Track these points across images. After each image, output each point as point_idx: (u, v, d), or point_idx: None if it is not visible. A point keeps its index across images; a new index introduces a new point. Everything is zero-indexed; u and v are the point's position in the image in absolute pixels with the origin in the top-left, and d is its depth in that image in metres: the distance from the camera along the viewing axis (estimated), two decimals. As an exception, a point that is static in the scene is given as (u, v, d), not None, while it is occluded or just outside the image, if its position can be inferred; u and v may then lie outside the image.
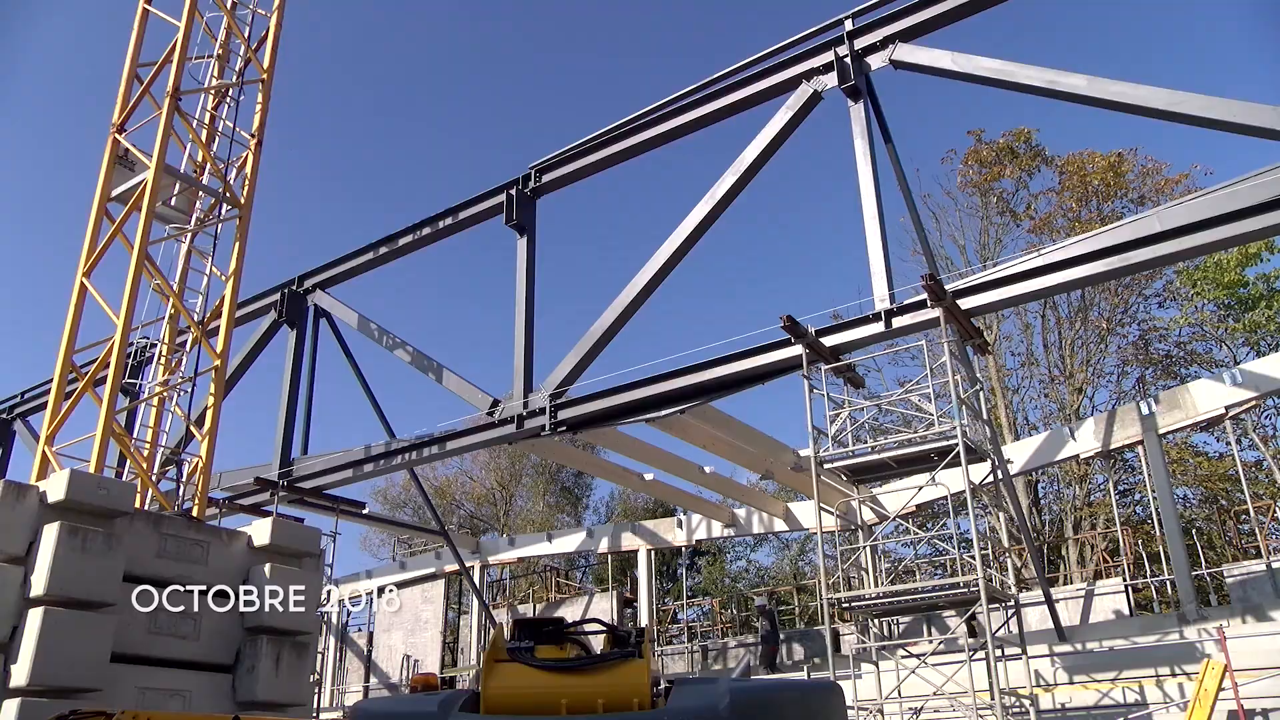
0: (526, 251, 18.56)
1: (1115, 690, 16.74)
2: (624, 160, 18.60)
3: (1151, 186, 34.15)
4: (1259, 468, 32.97)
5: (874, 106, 15.79)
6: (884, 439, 17.89)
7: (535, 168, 19.07)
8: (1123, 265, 13.42)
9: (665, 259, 16.50)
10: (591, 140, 18.55)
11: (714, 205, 16.19)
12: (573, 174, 18.94)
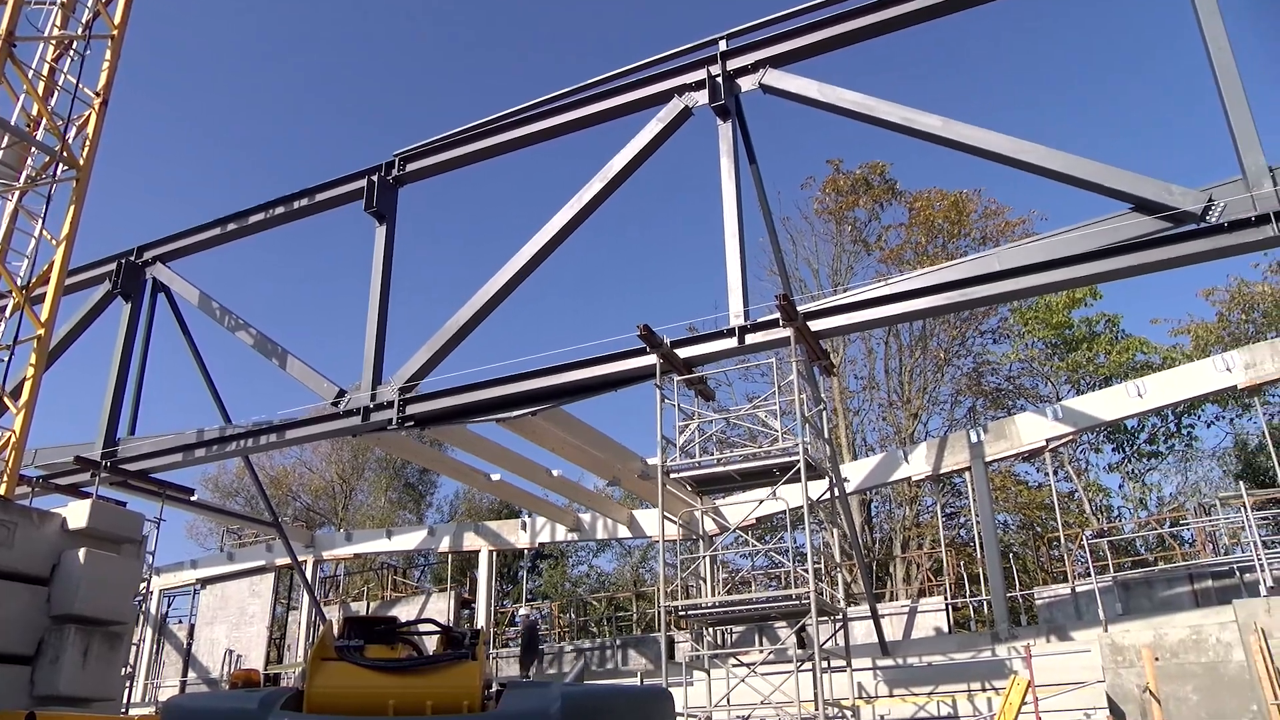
0: (385, 240, 18.11)
1: (931, 703, 17.54)
2: (492, 156, 18.39)
3: (993, 227, 36.16)
4: (1071, 498, 35.33)
5: (741, 127, 16.11)
6: (730, 452, 18.28)
7: (400, 155, 18.65)
8: (962, 300, 14.10)
9: (526, 260, 16.38)
10: (460, 133, 18.28)
11: (578, 210, 16.19)
12: (439, 165, 18.61)
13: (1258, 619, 14.73)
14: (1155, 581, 20.92)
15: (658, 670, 17.74)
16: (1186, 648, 15.72)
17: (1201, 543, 25.89)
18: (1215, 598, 19.03)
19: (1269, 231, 11.94)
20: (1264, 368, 19.93)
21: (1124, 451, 37.43)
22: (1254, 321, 33.58)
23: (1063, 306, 36.47)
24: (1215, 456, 36.61)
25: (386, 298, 17.84)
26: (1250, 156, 12.21)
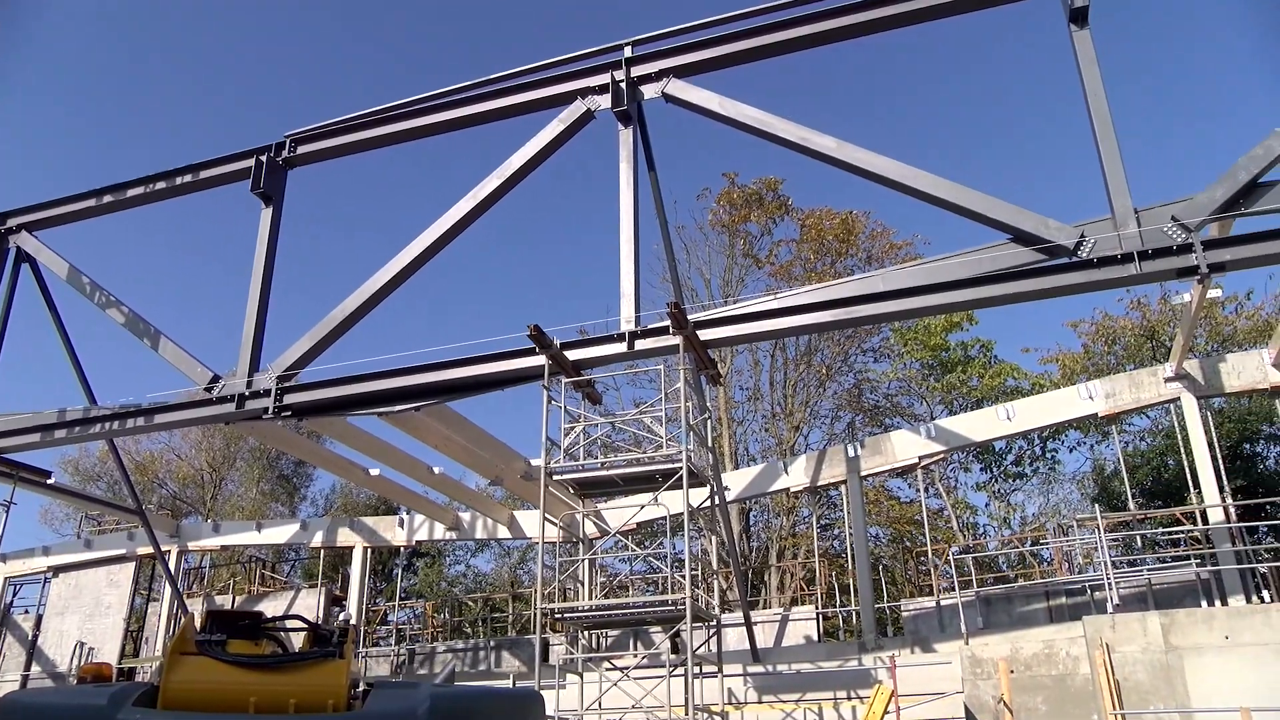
0: (270, 222, 17.58)
1: (799, 710, 17.92)
2: (389, 144, 18.07)
3: (879, 249, 37.22)
4: (940, 515, 36.60)
5: (643, 134, 16.22)
6: (614, 456, 18.33)
7: (291, 137, 18.13)
8: (847, 318, 14.48)
9: (418, 253, 16.12)
10: (355, 119, 17.89)
11: (474, 206, 16.03)
12: (332, 149, 18.17)
13: (1104, 635, 15.52)
14: (1014, 597, 21.83)
15: (531, 673, 17.64)
16: (1039, 661, 16.46)
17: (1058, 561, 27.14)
18: (1068, 614, 19.98)
19: (1132, 269, 12.64)
20: (1122, 398, 21.04)
21: (991, 472, 38.97)
22: (1115, 354, 35.42)
23: (941, 329, 37.81)
24: (1075, 480, 38.50)
25: (269, 282, 17.32)
26: (1119, 199, 12.91)
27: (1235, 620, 15.19)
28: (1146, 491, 28.25)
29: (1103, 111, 13.31)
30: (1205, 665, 14.83)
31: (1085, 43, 13.75)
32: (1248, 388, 20.47)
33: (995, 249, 13.65)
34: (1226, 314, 33.51)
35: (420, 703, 4.22)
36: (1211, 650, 14.89)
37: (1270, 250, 12.87)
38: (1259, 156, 12.74)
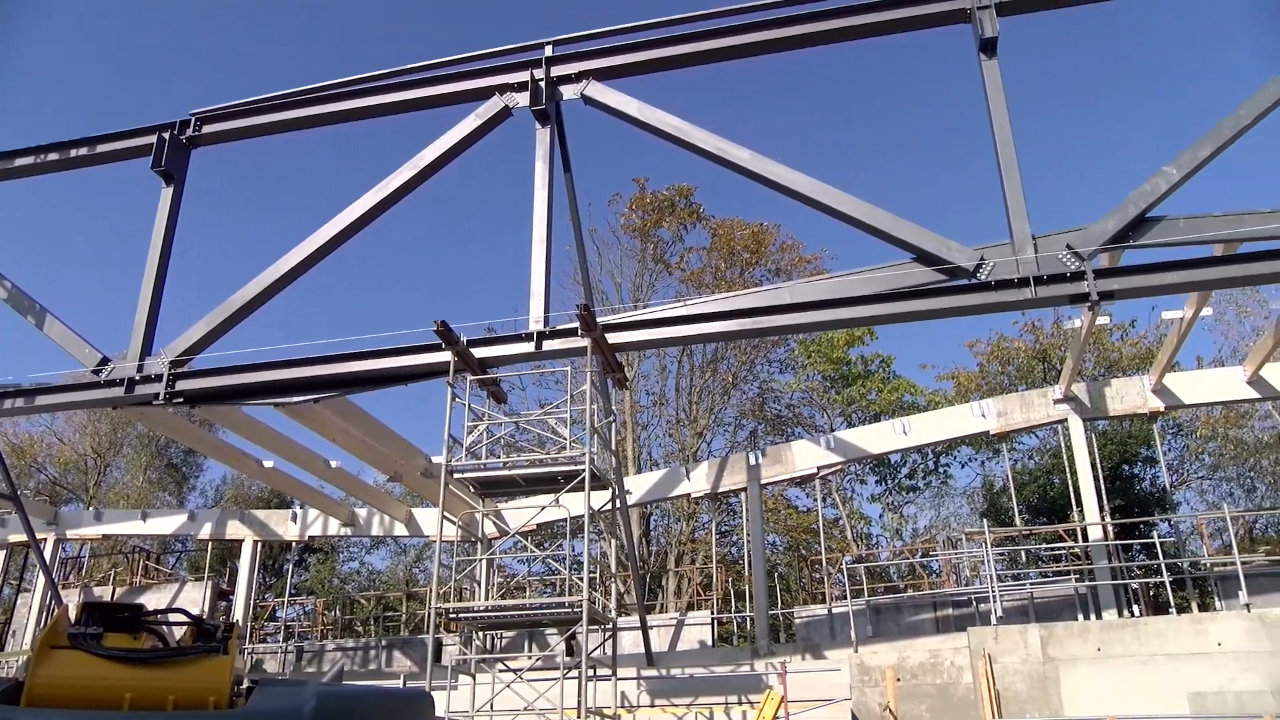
0: (170, 202, 16.94)
1: (690, 715, 18.04)
2: (301, 128, 17.60)
3: (788, 261, 37.85)
4: (836, 525, 37.34)
5: (560, 134, 16.16)
6: (517, 456, 18.20)
7: (197, 115, 17.52)
8: (754, 328, 14.67)
9: (323, 241, 15.73)
10: (266, 100, 17.38)
11: (384, 197, 15.73)
12: (240, 130, 17.60)
13: (987, 645, 16.03)
14: (904, 607, 22.40)
15: (423, 673, 17.38)
16: (925, 670, 16.91)
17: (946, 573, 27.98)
18: (954, 624, 20.60)
19: (1028, 293, 13.09)
20: (1013, 417, 21.79)
21: (886, 484, 39.95)
22: (1009, 374, 36.67)
23: (843, 343, 38.65)
24: (965, 495, 39.70)
25: (165, 264, 16.69)
26: (1018, 225, 13.36)
27: (1107, 633, 15.85)
28: (1032, 508, 29.30)
29: (1007, 140, 13.76)
30: (1079, 675, 15.44)
31: (993, 73, 14.20)
32: (1129, 411, 21.41)
33: (899, 268, 13.98)
34: (1113, 340, 35.02)
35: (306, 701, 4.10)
36: (1085, 661, 15.51)
37: (1155, 282, 13.51)
38: (1148, 192, 13.33)
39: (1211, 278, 14.02)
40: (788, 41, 15.53)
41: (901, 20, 15.18)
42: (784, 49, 15.77)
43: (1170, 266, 13.44)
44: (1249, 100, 13.39)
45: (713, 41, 15.59)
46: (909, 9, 15.04)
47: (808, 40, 15.51)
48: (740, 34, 15.50)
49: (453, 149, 15.97)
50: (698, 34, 15.63)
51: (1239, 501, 35.09)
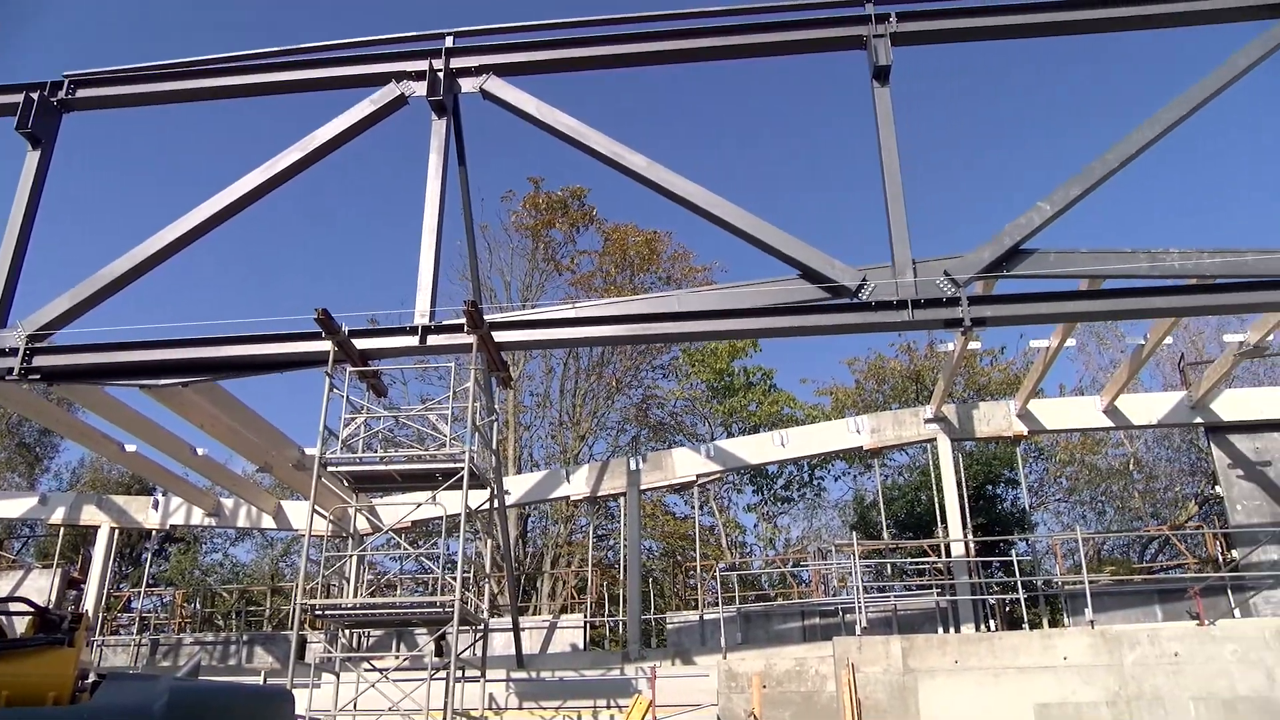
0: (36, 167, 16.02)
1: (558, 717, 17.99)
2: (184, 101, 16.94)
3: (678, 270, 38.18)
4: (711, 532, 37.82)
5: (456, 127, 15.96)
6: (395, 451, 17.85)
7: (70, 77, 16.62)
8: (642, 334, 14.77)
9: (202, 219, 15.13)
10: (145, 69, 16.62)
11: (270, 177, 15.23)
12: (117, 98, 16.79)
13: (851, 655, 16.47)
14: (773, 615, 22.83)
15: (285, 670, 16.87)
16: (790, 677, 17.25)
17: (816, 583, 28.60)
18: (820, 634, 21.09)
19: (905, 315, 13.54)
20: (886, 434, 22.47)
21: (762, 494, 40.63)
22: (884, 392, 37.78)
23: (727, 354, 39.22)
24: (837, 507, 40.66)
25: (27, 233, 15.77)
26: (900, 249, 13.81)
27: (965, 646, 16.47)
28: (900, 523, 30.21)
29: (893, 166, 14.21)
30: (936, 687, 16.00)
31: (885, 100, 14.65)
32: (995, 434, 22.33)
33: (785, 283, 14.27)
34: (983, 365, 36.48)
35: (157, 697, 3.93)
36: (943, 673, 16.09)
37: (1025, 311, 14.17)
38: (1022, 225, 13.94)
39: (1076, 311, 14.77)
40: (689, 53, 15.73)
41: (801, 42, 15.52)
42: (685, 60, 15.97)
43: (1039, 298, 14.11)
44: (1117, 145, 14.15)
45: (614, 47, 15.66)
46: (808, 32, 15.39)
47: (709, 54, 15.74)
48: (642, 42, 15.61)
49: (344, 133, 15.60)
50: (600, 38, 15.67)
51: (1091, 524, 36.98)
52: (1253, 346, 18.69)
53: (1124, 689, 15.49)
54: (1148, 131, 14.15)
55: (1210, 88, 14.39)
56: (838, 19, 15.29)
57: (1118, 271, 14.02)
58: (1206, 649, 15.63)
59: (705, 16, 15.52)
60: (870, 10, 15.02)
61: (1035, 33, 15.64)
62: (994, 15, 15.27)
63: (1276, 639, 15.56)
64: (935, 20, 15.26)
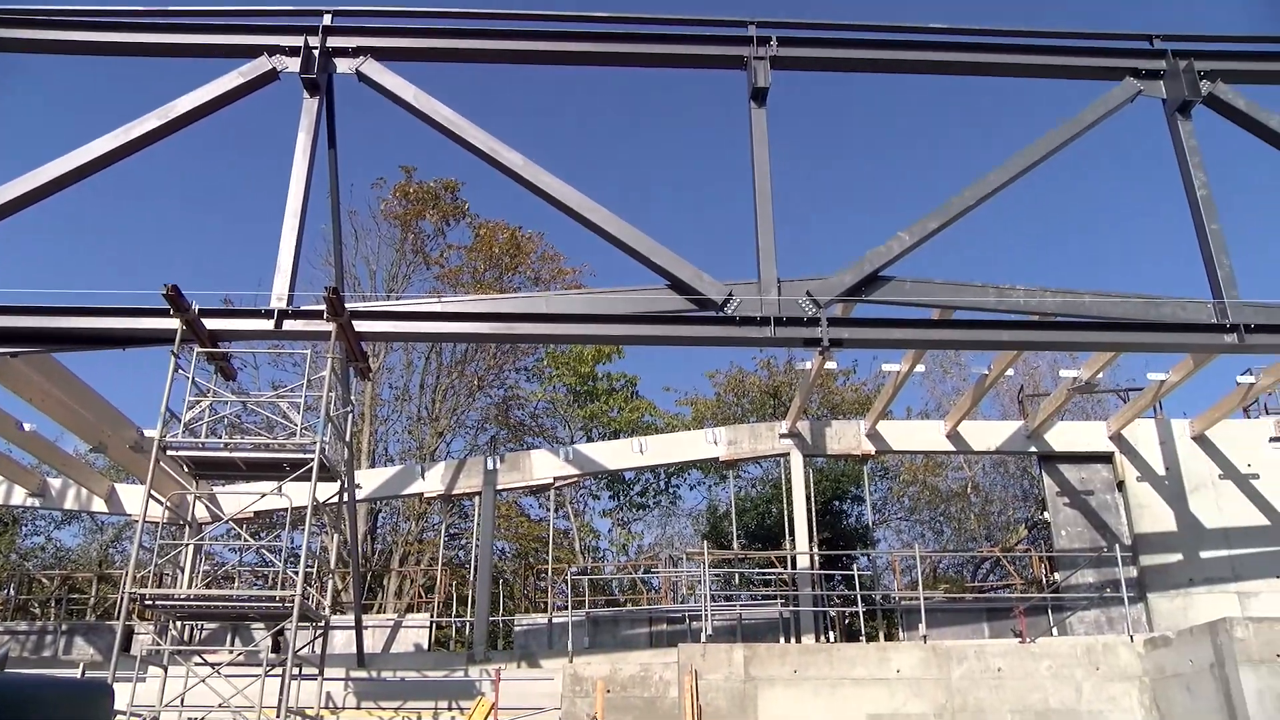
0: None
1: (397, 718, 17.63)
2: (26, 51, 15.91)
3: (548, 271, 38.10)
4: (566, 536, 37.80)
5: (329, 108, 15.50)
6: (241, 438, 17.16)
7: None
8: (508, 333, 14.65)
9: (43, 181, 14.20)
10: None
11: (124, 143, 14.41)
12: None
13: (694, 662, 16.72)
14: (621, 620, 22.97)
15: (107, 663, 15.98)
16: (635, 682, 17.39)
17: (665, 590, 28.94)
18: (667, 640, 21.33)
19: (768, 332, 13.87)
20: (742, 446, 22.94)
21: (619, 500, 40.87)
22: (742, 406, 38.60)
23: (591, 359, 39.29)
24: (691, 516, 41.27)
25: None
26: (766, 267, 14.15)
27: (804, 656, 16.95)
28: (750, 534, 30.87)
29: (765, 186, 14.55)
30: (775, 695, 16.41)
31: (761, 121, 14.99)
32: (844, 452, 23.10)
33: (653, 292, 14.41)
34: (838, 385, 37.70)
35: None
36: (781, 682, 16.51)
37: (880, 336, 14.75)
38: (883, 253, 14.49)
39: (927, 339, 15.43)
40: (572, 56, 15.76)
41: (683, 56, 15.75)
42: (567, 62, 15.99)
43: (894, 324, 14.70)
44: (974, 185, 14.89)
45: (497, 42, 15.52)
46: (691, 47, 15.63)
47: (592, 58, 15.82)
48: (525, 39, 15.54)
49: (209, 104, 14.94)
50: (484, 31, 15.50)
51: (929, 543, 38.64)
52: (1084, 383, 19.92)
53: (950, 701, 16.24)
54: (1002, 174, 14.93)
55: (1058, 139, 15.30)
56: (720, 37, 15.57)
57: (968, 304, 14.73)
58: (1025, 665, 16.56)
59: (594, 21, 15.55)
60: (753, 32, 15.36)
61: (905, 69, 16.31)
62: (869, 49, 15.84)
63: (1086, 656, 16.60)
64: (814, 48, 15.72)
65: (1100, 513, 21.74)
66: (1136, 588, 20.52)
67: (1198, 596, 20.53)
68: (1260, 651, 13.86)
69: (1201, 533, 21.12)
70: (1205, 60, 16.23)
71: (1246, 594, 20.48)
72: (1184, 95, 15.81)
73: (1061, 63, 16.24)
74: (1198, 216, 15.47)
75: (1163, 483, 21.67)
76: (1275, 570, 20.65)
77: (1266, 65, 16.61)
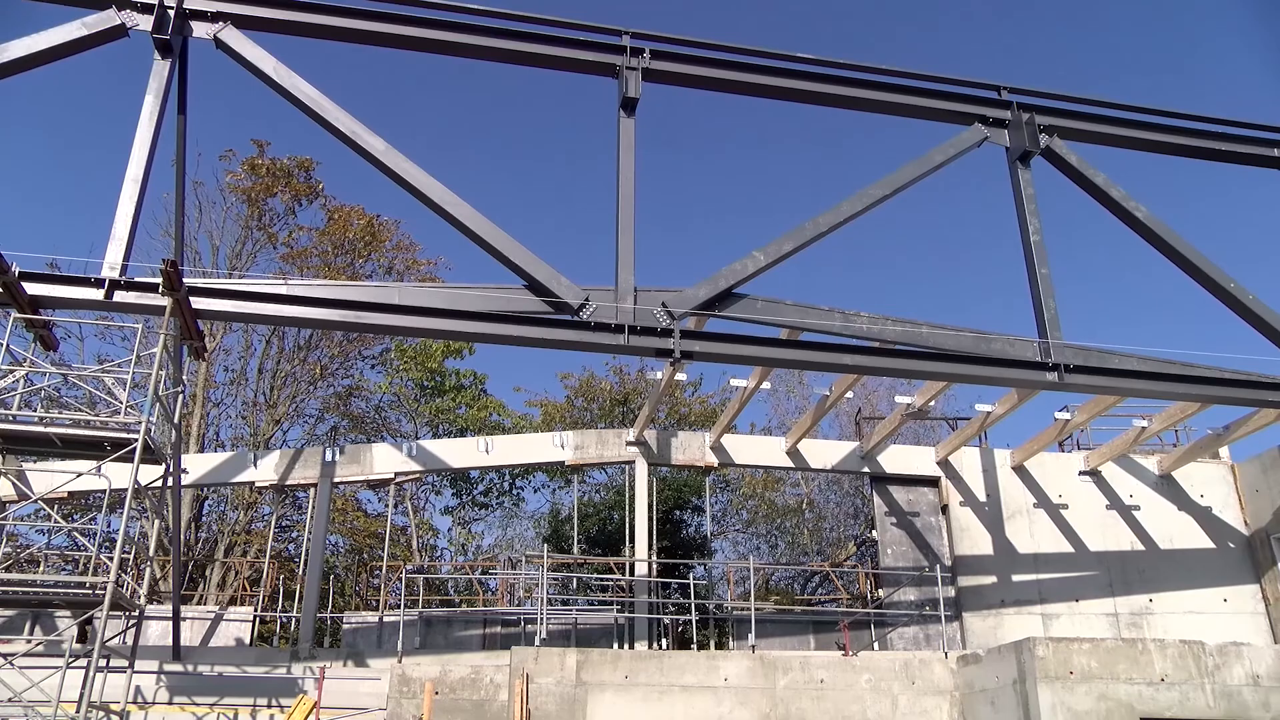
0: None
1: (212, 715, 16.87)
2: None
3: (402, 261, 37.26)
4: (403, 533, 37.00)
5: (181, 72, 14.77)
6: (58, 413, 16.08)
7: None
8: (356, 321, 14.25)
9: None
10: None
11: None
12: None
13: (527, 665, 16.64)
14: (455, 621, 22.65)
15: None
16: (465, 685, 17.16)
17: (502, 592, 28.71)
18: (500, 643, 21.17)
19: (621, 339, 14.00)
20: (589, 451, 23.00)
21: (461, 499, 40.32)
22: (592, 411, 38.70)
23: (441, 353, 38.62)
24: (533, 519, 41.08)
25: None
26: (624, 274, 14.28)
27: (635, 662, 17.11)
28: (591, 539, 30.97)
29: (628, 195, 14.68)
30: (605, 700, 16.50)
31: (629, 131, 15.13)
32: (688, 462, 23.47)
33: (510, 291, 14.33)
34: (686, 397, 38.29)
35: None
36: (613, 687, 16.61)
37: (729, 351, 15.08)
38: (737, 270, 14.83)
39: (775, 357, 15.86)
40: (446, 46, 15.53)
41: (557, 58, 15.75)
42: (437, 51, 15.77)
43: (744, 340, 15.07)
44: (828, 211, 15.44)
45: (366, 23, 15.20)
46: (565, 50, 15.65)
47: (464, 50, 15.64)
48: (399, 24, 15.26)
49: (45, 53, 14.02)
50: (353, 10, 15.12)
51: (763, 555, 39.66)
52: (917, 409, 20.88)
53: (774, 710, 16.69)
54: (856, 204, 15.55)
55: (909, 175, 16.05)
56: (595, 44, 15.64)
57: (815, 326, 15.24)
58: (847, 677, 17.19)
59: (470, 13, 15.36)
60: (627, 43, 15.49)
61: (772, 95, 16.78)
62: (740, 71, 16.23)
63: (904, 671, 17.38)
64: (687, 65, 15.99)
65: (924, 534, 22.80)
66: (954, 607, 21.60)
67: (1008, 617, 21.78)
68: (1056, 669, 14.83)
69: (1014, 557, 22.43)
70: (1046, 115, 17.36)
71: (1050, 615, 21.87)
72: (1024, 146, 16.86)
73: (917, 103, 17.05)
74: (1030, 260, 16.51)
75: (983, 508, 22.91)
76: (1075, 594, 22.13)
77: (1100, 127, 17.88)
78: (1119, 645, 15.40)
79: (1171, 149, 18.55)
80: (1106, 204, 17.20)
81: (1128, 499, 23.12)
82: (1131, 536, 22.78)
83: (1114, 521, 22.94)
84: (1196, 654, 15.24)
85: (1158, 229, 17.03)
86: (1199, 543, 22.74)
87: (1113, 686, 14.80)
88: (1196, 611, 21.96)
